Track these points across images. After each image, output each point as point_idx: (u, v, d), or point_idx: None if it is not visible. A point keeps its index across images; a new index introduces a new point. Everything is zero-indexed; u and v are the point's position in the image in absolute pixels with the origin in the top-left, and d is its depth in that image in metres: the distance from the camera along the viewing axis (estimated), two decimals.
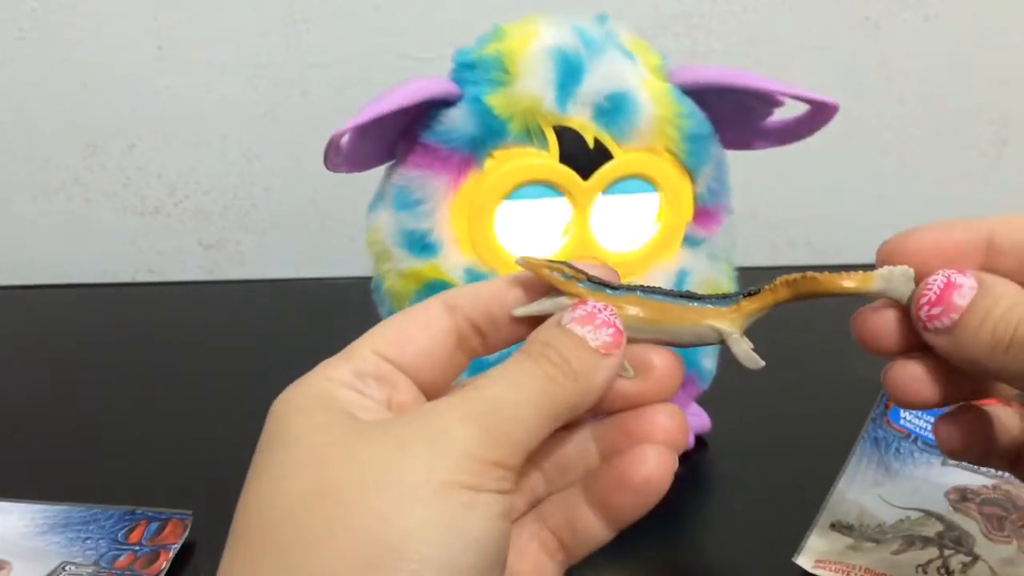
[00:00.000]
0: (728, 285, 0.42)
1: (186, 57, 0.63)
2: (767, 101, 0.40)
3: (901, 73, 0.66)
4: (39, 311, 0.62)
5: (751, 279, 0.44)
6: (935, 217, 0.25)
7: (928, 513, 0.39)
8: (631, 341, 0.23)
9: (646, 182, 0.39)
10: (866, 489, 0.40)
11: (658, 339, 0.24)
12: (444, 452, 0.19)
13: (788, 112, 0.41)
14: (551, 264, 0.23)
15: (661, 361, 0.24)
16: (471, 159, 0.37)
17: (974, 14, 0.65)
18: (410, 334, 0.23)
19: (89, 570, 0.36)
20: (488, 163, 0.37)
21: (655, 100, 0.37)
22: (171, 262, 0.70)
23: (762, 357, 0.25)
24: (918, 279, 0.24)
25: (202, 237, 0.69)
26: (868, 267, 0.24)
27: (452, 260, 0.38)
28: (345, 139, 0.37)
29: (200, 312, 0.61)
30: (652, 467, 0.23)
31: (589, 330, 0.22)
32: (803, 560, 0.36)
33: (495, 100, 0.36)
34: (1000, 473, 0.41)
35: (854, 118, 0.68)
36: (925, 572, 0.35)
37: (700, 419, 0.44)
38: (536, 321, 0.23)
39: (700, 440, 0.45)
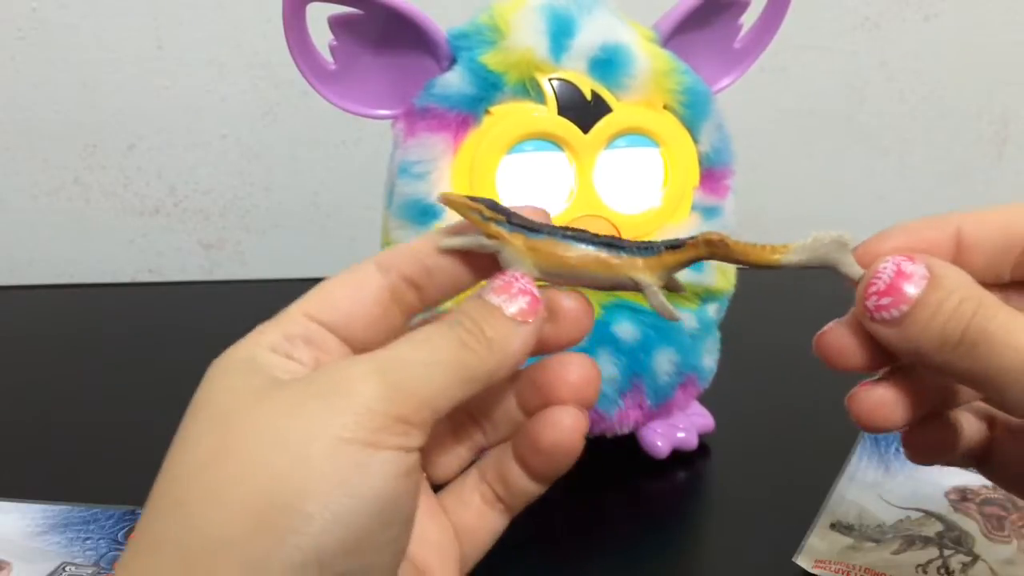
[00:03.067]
0: (732, 272, 0.42)
1: (186, 57, 0.63)
2: (735, 5, 0.40)
3: (901, 73, 0.67)
4: (39, 311, 0.62)
5: (752, 279, 0.44)
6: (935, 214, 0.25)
7: (928, 513, 0.39)
8: (547, 283, 0.24)
9: (647, 138, 0.39)
10: (866, 489, 0.40)
11: (577, 283, 0.24)
12: (342, 408, 0.20)
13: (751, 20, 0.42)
14: (472, 203, 0.24)
15: (572, 304, 0.24)
16: (469, 117, 0.37)
17: (974, 14, 0.65)
18: (341, 295, 0.23)
19: (89, 570, 0.36)
20: (486, 119, 0.37)
21: (650, 55, 0.38)
22: (171, 262, 0.70)
23: (760, 356, 0.25)
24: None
25: (202, 237, 0.69)
26: None
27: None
28: (332, 41, 0.37)
29: (200, 312, 0.60)
30: (560, 431, 0.24)
31: (504, 299, 0.23)
32: (803, 560, 0.36)
33: (489, 58, 0.37)
34: None
35: (855, 118, 0.68)
36: (925, 572, 0.35)
37: (704, 418, 0.44)
38: (475, 266, 0.24)
39: (701, 440, 0.44)
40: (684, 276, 0.40)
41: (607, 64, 0.37)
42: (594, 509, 0.40)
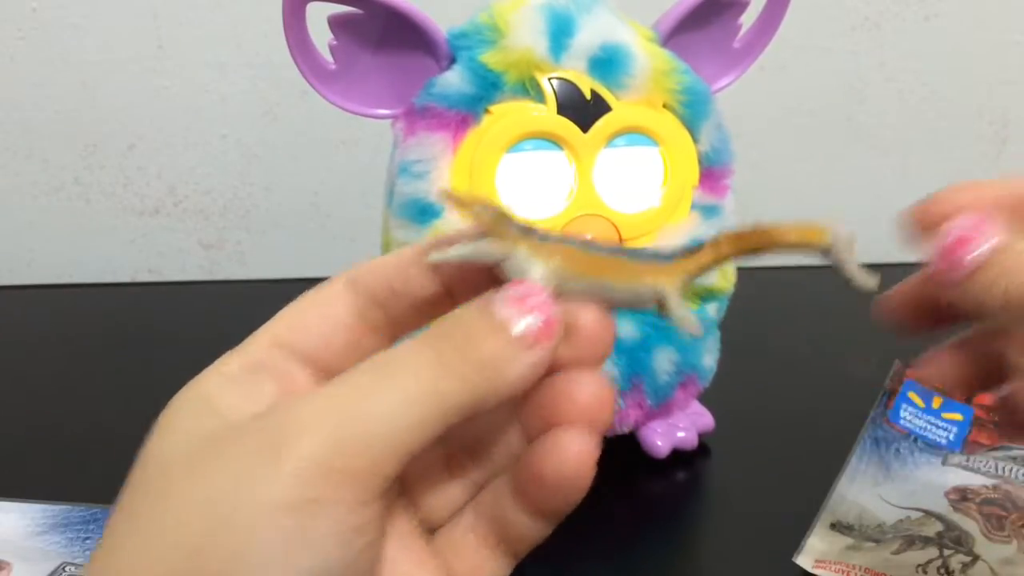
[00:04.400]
0: (732, 271, 0.42)
1: (186, 57, 0.63)
2: (735, 5, 0.40)
3: (901, 73, 0.66)
4: (39, 311, 0.62)
5: (752, 279, 0.44)
6: None
7: (928, 513, 0.39)
8: (558, 297, 0.20)
9: (647, 137, 0.39)
10: (866, 489, 0.40)
11: (591, 296, 0.21)
12: (280, 464, 0.17)
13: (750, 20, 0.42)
14: (476, 200, 0.21)
15: (588, 320, 0.20)
16: (469, 117, 0.37)
17: (974, 14, 0.65)
18: (311, 317, 0.21)
19: None
20: (485, 119, 0.37)
21: (650, 54, 0.38)
22: (171, 262, 0.70)
23: (761, 356, 0.24)
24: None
25: (202, 237, 0.69)
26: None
27: (454, 223, 0.37)
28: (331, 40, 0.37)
29: (200, 312, 0.60)
30: (566, 459, 0.20)
31: (514, 313, 0.19)
32: (803, 560, 0.36)
33: (489, 57, 0.37)
34: (1000, 473, 0.41)
35: (854, 118, 0.68)
36: (925, 572, 0.35)
37: (703, 418, 0.44)
38: (465, 288, 0.21)
39: (701, 439, 0.44)
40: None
41: (607, 63, 0.37)
42: (593, 509, 0.40)
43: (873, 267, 0.23)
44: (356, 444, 0.17)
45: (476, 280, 0.20)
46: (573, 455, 0.20)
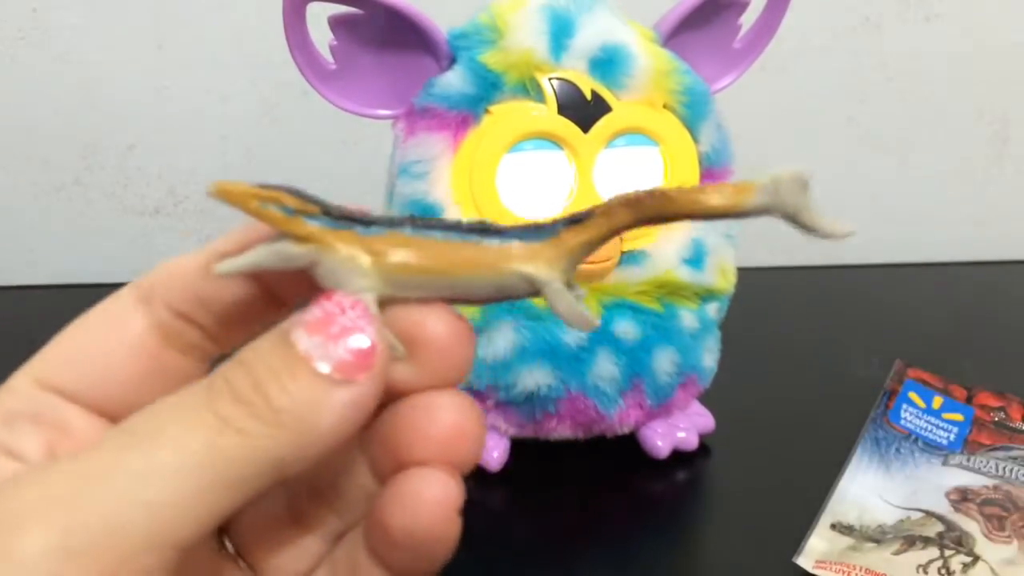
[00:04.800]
0: (732, 272, 0.42)
1: (186, 57, 0.63)
2: (735, 5, 0.40)
3: (901, 73, 0.66)
4: (39, 311, 0.62)
5: (752, 279, 0.44)
6: (936, 218, 0.24)
7: (929, 513, 0.39)
8: (400, 301, 0.16)
9: (647, 137, 0.39)
10: (866, 489, 0.40)
11: (441, 295, 0.16)
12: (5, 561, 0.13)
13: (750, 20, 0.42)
14: (264, 192, 0.16)
15: (436, 328, 0.16)
16: (469, 117, 0.37)
17: (975, 14, 0.65)
18: (88, 345, 0.17)
19: None
20: (486, 119, 0.37)
21: (650, 54, 0.38)
22: None
23: (761, 356, 0.22)
24: None
25: (202, 237, 0.69)
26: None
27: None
28: (332, 41, 0.37)
29: None
30: (420, 511, 0.15)
31: (318, 342, 0.14)
32: (803, 560, 0.36)
33: (489, 57, 0.37)
34: (1001, 473, 0.41)
35: (855, 118, 0.68)
36: (925, 572, 0.35)
37: (704, 419, 0.44)
38: (293, 287, 0.16)
39: (701, 440, 0.44)
40: (685, 276, 0.41)
41: (607, 63, 0.37)
42: (593, 509, 0.40)
43: (875, 267, 0.23)
44: (96, 547, 0.13)
45: (302, 277, 0.16)
46: (427, 506, 0.15)
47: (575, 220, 0.17)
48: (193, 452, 0.14)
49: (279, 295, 0.17)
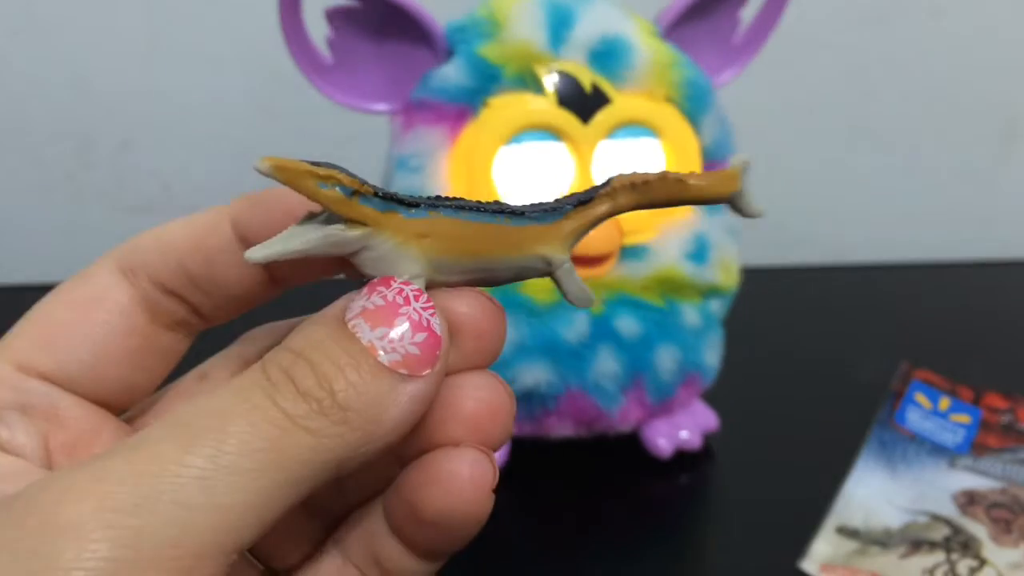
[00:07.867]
0: (735, 268, 0.41)
1: (180, 53, 0.62)
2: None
3: (907, 69, 0.66)
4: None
5: (755, 279, 0.44)
6: (942, 214, 0.24)
7: (935, 517, 0.38)
8: (436, 285, 0.16)
9: (648, 130, 0.38)
10: (872, 492, 0.40)
11: (470, 279, 0.16)
12: None
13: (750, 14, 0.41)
14: (322, 171, 0.15)
15: (473, 311, 0.16)
16: (467, 110, 0.37)
17: (981, 10, 0.64)
18: (67, 327, 0.15)
19: None
20: (484, 111, 0.37)
21: (651, 47, 0.37)
22: None
23: (766, 356, 0.23)
24: None
25: None
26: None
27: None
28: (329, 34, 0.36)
29: None
30: (453, 489, 0.15)
31: (380, 334, 0.14)
32: (809, 564, 0.35)
33: (487, 50, 0.36)
34: (1008, 475, 0.41)
35: (860, 115, 0.67)
36: None
37: (707, 418, 0.44)
38: (298, 272, 0.16)
39: (705, 440, 0.44)
40: (687, 271, 0.40)
41: (607, 55, 0.37)
42: (595, 510, 0.40)
43: (882, 267, 0.23)
44: (160, 544, 0.12)
45: (313, 262, 0.15)
46: (464, 484, 0.15)
47: (582, 201, 0.17)
48: (258, 451, 0.13)
49: (277, 276, 0.16)
